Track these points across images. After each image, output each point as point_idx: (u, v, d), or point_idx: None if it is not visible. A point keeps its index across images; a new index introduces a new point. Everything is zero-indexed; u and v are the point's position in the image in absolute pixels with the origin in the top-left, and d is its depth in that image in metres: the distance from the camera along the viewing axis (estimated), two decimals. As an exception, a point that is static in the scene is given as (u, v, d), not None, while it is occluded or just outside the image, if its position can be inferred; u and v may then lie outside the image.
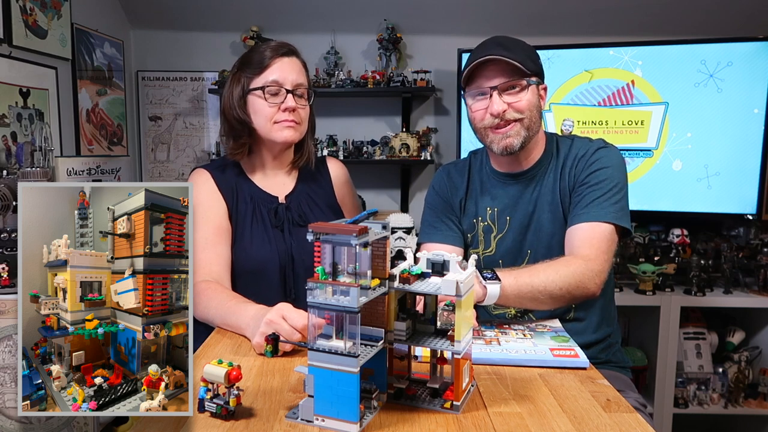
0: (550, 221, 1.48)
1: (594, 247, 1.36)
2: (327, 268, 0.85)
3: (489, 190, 1.56)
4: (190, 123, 3.35)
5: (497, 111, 1.40)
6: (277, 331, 1.16)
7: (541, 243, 1.49)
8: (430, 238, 1.59)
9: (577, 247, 1.38)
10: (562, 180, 1.48)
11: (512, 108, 1.41)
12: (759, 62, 2.53)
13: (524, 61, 1.40)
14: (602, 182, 1.42)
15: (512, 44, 1.43)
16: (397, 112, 3.26)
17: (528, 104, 1.42)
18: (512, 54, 1.39)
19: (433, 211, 1.62)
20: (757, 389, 2.65)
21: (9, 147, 2.26)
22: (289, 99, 1.52)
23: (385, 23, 3.11)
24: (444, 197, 1.61)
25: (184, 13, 3.20)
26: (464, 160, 1.67)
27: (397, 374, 0.98)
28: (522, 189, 1.52)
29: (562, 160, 1.50)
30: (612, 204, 1.40)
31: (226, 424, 0.88)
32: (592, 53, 2.74)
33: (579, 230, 1.40)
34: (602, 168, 1.43)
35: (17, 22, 2.28)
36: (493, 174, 1.56)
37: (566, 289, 1.29)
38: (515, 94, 1.42)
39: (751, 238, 2.74)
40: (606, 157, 1.45)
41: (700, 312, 2.75)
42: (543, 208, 1.49)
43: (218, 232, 1.52)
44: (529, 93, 1.42)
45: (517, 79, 1.40)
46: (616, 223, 1.39)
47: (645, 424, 0.89)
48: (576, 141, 1.52)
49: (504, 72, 1.40)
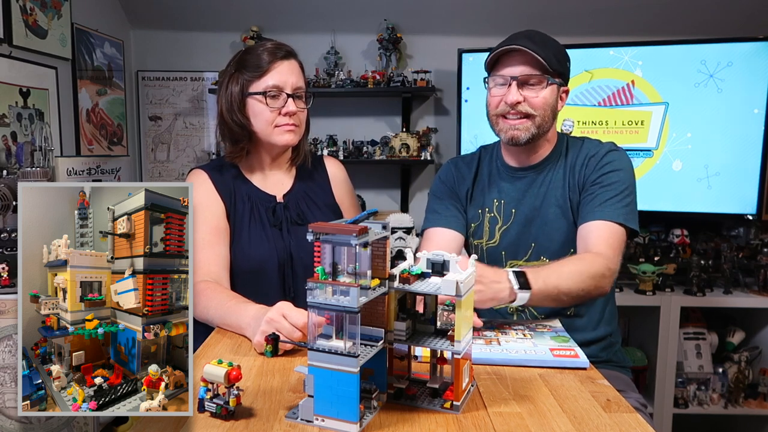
0: (557, 216, 1.50)
1: (611, 246, 1.38)
2: (327, 268, 0.85)
3: (497, 182, 1.59)
4: (190, 123, 3.35)
5: (512, 101, 1.43)
6: (278, 329, 1.16)
7: (546, 237, 1.50)
8: (432, 224, 1.60)
9: (593, 244, 1.38)
10: (572, 178, 1.50)
11: (527, 102, 1.43)
12: (759, 62, 2.53)
13: (549, 58, 1.41)
14: (614, 183, 1.44)
15: (542, 40, 1.45)
16: (397, 112, 3.26)
17: (543, 102, 1.44)
18: (539, 49, 1.41)
19: (437, 198, 1.64)
20: (757, 389, 2.65)
21: (9, 147, 2.26)
22: (290, 103, 1.52)
23: (385, 23, 3.11)
24: (449, 186, 1.63)
25: (184, 13, 3.20)
26: (473, 153, 1.69)
27: (397, 374, 0.98)
28: (529, 183, 1.54)
29: (573, 159, 1.52)
30: (624, 206, 1.42)
31: (226, 424, 0.88)
32: (592, 53, 2.74)
33: (594, 228, 1.41)
34: (615, 170, 1.46)
35: (17, 22, 2.28)
36: (502, 167, 1.59)
37: (587, 290, 1.30)
38: (533, 88, 1.43)
39: (751, 238, 2.74)
40: (618, 159, 1.48)
41: (700, 312, 2.75)
42: (550, 204, 1.51)
43: (216, 232, 1.52)
44: (547, 91, 1.44)
45: (538, 74, 1.42)
46: (627, 225, 1.42)
47: (645, 425, 0.89)
48: (587, 142, 1.55)
49: (527, 64, 1.42)
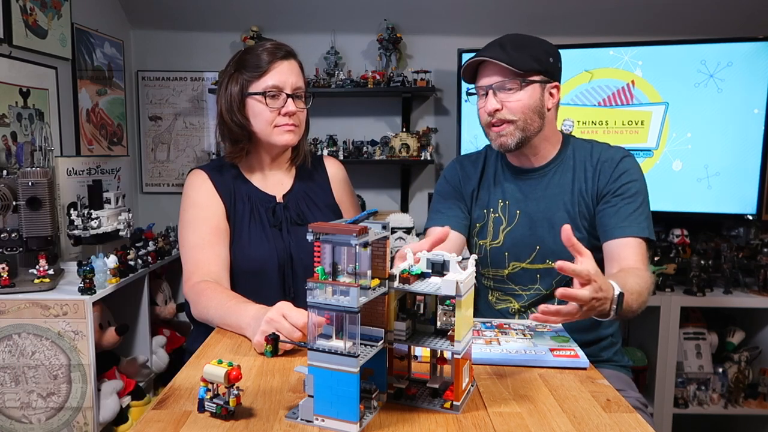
0: (564, 221, 1.47)
1: (645, 263, 1.40)
2: (327, 268, 0.85)
3: (502, 182, 1.58)
4: (190, 123, 3.35)
5: (489, 110, 1.45)
6: (278, 329, 1.16)
7: (553, 241, 1.49)
8: (434, 223, 1.60)
9: (633, 261, 1.39)
10: (584, 183, 1.50)
11: (506, 108, 1.44)
12: (759, 62, 2.53)
13: (523, 60, 1.41)
14: (635, 195, 1.45)
15: (515, 43, 1.44)
16: (397, 112, 3.26)
17: (521, 106, 1.43)
18: (506, 55, 1.41)
19: (441, 197, 1.65)
20: (757, 389, 2.65)
21: (9, 147, 2.26)
22: (290, 104, 1.52)
23: (385, 23, 3.11)
24: (454, 185, 1.64)
25: (184, 13, 3.20)
26: (479, 152, 1.69)
27: (397, 374, 0.98)
28: (534, 185, 1.54)
29: (582, 163, 1.51)
30: (645, 218, 1.44)
31: (226, 424, 0.88)
32: (592, 53, 2.74)
33: (628, 245, 1.41)
34: (633, 180, 1.46)
35: (17, 22, 2.28)
36: (507, 167, 1.59)
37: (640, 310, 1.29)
38: (509, 93, 1.43)
39: (751, 238, 2.74)
40: (633, 168, 1.48)
41: (700, 312, 2.75)
42: (558, 207, 1.50)
43: (216, 232, 1.52)
44: (524, 93, 1.43)
45: (510, 80, 1.42)
46: (651, 238, 1.43)
47: (645, 424, 0.89)
48: (596, 146, 1.54)
49: (498, 72, 1.43)
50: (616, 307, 1.13)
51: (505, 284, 1.58)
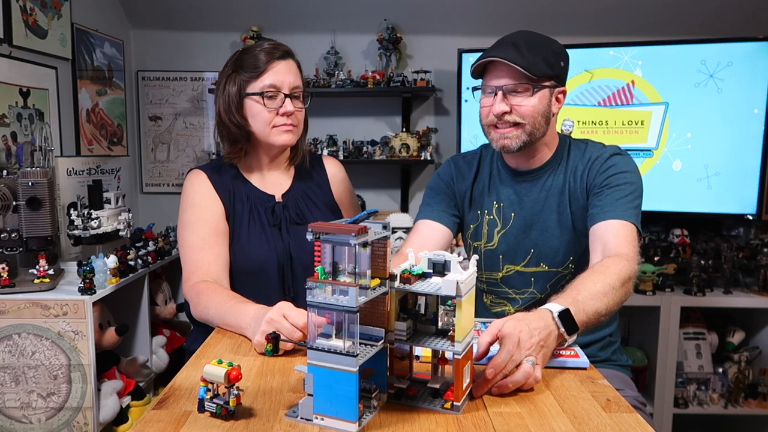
0: (556, 222, 1.47)
1: (631, 245, 1.33)
2: (327, 267, 0.85)
3: (497, 184, 1.56)
4: (190, 123, 3.35)
5: (498, 112, 1.40)
6: (278, 329, 1.16)
7: (546, 244, 1.48)
8: (423, 216, 1.59)
9: (614, 244, 1.32)
10: (573, 182, 1.47)
11: (515, 111, 1.40)
12: (759, 62, 2.53)
13: (535, 64, 1.36)
14: (624, 185, 1.40)
15: (530, 44, 1.39)
16: (397, 112, 3.26)
17: (532, 110, 1.40)
18: (521, 57, 1.36)
19: (432, 191, 1.62)
20: (757, 389, 2.65)
21: (9, 147, 2.26)
22: (288, 103, 1.51)
23: (385, 23, 3.11)
24: (447, 183, 1.61)
25: (184, 13, 3.20)
26: (474, 151, 1.66)
27: (399, 374, 0.98)
28: (529, 187, 1.52)
29: (574, 163, 1.48)
30: (633, 207, 1.39)
31: (226, 424, 0.88)
32: (592, 53, 2.74)
33: (611, 227, 1.35)
34: (622, 172, 1.42)
35: (17, 22, 2.28)
36: (503, 169, 1.56)
37: (621, 301, 1.24)
38: (521, 96, 1.39)
39: (751, 238, 2.74)
40: (623, 162, 1.44)
41: (700, 312, 2.75)
42: (551, 209, 1.48)
43: (215, 232, 1.52)
44: (536, 98, 1.39)
45: (524, 83, 1.38)
46: (637, 225, 1.38)
47: (645, 424, 0.89)
48: (590, 145, 1.51)
49: (511, 74, 1.38)
50: (567, 325, 1.08)
51: (498, 287, 1.56)
